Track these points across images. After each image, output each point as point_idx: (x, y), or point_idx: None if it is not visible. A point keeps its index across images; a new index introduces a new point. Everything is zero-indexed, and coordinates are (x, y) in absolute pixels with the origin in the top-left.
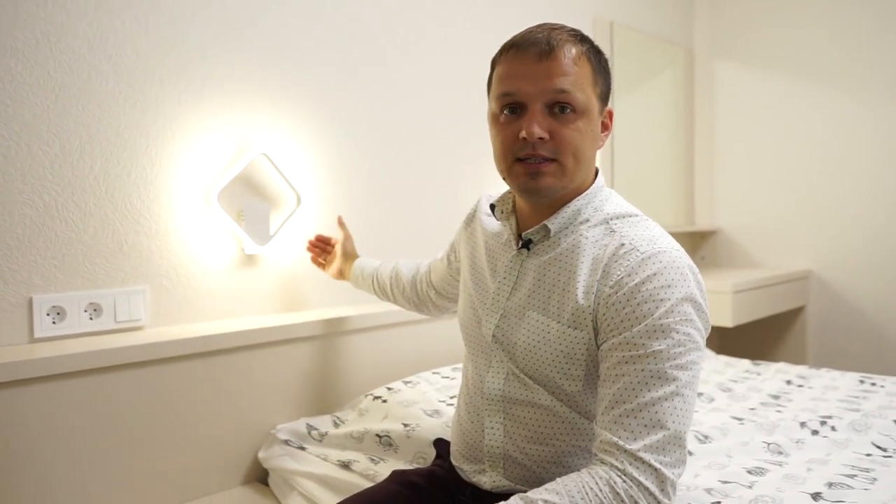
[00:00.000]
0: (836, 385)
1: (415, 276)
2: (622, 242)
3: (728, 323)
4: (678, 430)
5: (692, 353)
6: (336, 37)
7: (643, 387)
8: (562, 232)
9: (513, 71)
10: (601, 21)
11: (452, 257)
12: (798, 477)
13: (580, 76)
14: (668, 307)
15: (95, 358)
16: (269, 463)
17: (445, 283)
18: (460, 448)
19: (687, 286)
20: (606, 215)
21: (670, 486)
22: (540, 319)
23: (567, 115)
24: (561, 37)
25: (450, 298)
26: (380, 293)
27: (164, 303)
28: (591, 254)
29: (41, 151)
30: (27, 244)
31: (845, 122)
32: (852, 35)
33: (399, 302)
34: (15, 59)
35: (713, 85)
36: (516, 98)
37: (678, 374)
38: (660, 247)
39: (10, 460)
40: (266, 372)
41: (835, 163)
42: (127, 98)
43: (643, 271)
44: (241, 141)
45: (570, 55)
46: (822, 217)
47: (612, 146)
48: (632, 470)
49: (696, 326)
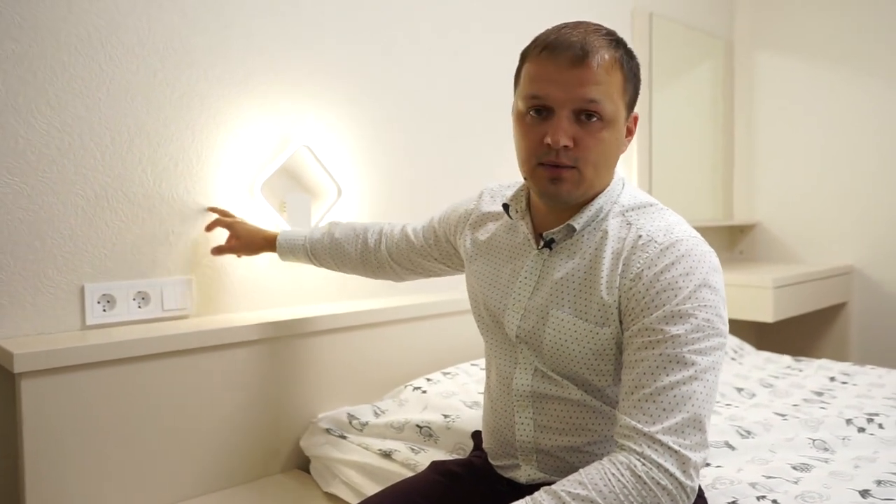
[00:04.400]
0: (881, 382)
1: (364, 251)
2: (640, 234)
3: (769, 318)
4: (698, 413)
5: (712, 338)
6: (378, 26)
7: (661, 371)
8: (584, 230)
9: (544, 74)
10: (640, 12)
11: (443, 242)
12: (845, 474)
13: (611, 85)
14: (687, 293)
15: (144, 345)
16: (310, 451)
17: (422, 259)
18: (492, 446)
19: (704, 273)
20: (623, 207)
21: (693, 469)
22: (567, 319)
23: (594, 124)
24: (596, 42)
25: (421, 273)
26: (316, 262)
27: (210, 292)
28: (611, 248)
29: (93, 143)
30: (79, 233)
31: (886, 113)
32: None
33: (343, 271)
34: (68, 54)
35: (753, 76)
36: (545, 102)
37: (697, 359)
38: (677, 236)
39: (60, 443)
40: (308, 361)
41: (878, 155)
42: (174, 91)
43: (661, 261)
44: (284, 133)
45: (604, 62)
46: (864, 211)
47: (651, 139)
48: (650, 453)
49: (716, 313)
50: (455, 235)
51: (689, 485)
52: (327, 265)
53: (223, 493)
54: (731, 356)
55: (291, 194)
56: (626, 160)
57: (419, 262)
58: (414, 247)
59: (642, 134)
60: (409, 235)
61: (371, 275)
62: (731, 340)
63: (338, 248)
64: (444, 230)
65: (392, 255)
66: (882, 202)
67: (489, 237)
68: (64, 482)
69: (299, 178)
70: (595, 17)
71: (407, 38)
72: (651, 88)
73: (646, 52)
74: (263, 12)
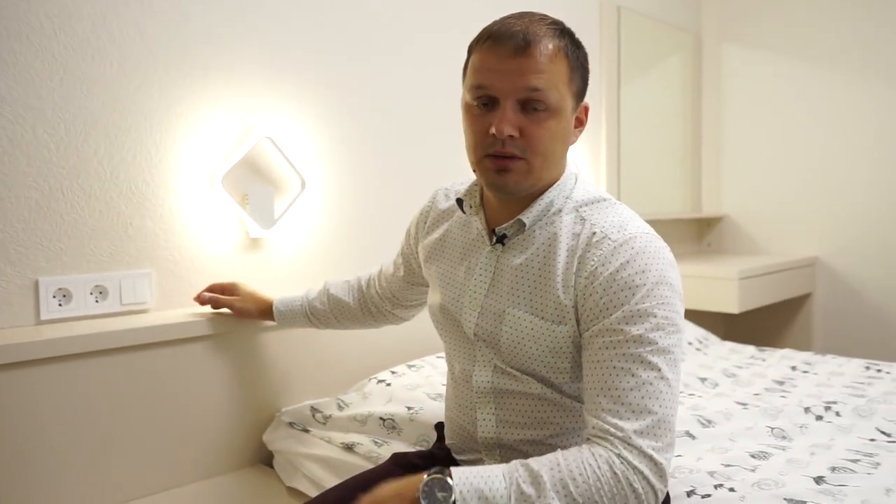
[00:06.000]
0: (841, 371)
1: (361, 299)
2: (594, 231)
3: (734, 309)
4: (665, 413)
5: (672, 335)
6: (341, 19)
7: (626, 372)
8: (535, 224)
9: (487, 64)
10: (608, 5)
11: (413, 263)
12: (801, 461)
13: (555, 74)
14: (645, 292)
15: (101, 340)
16: (273, 445)
17: (406, 291)
18: (455, 440)
19: (660, 269)
20: (576, 203)
21: (665, 473)
22: (523, 317)
23: (539, 114)
24: (539, 31)
25: (414, 305)
26: (318, 324)
27: (170, 286)
28: (565, 244)
29: (46, 134)
30: (33, 227)
31: (853, 107)
32: (861, 19)
33: (347, 327)
34: (19, 42)
35: (721, 70)
36: (488, 92)
37: (659, 358)
38: (630, 232)
39: (15, 441)
40: (272, 355)
41: (842, 149)
42: (131, 81)
43: (616, 259)
44: (246, 124)
45: (547, 52)
46: (829, 204)
47: (619, 132)
48: (627, 454)
49: (674, 309)
50: (417, 245)
51: (661, 489)
52: (329, 324)
53: (184, 488)
54: (696, 347)
55: (254, 187)
56: (594, 153)
57: (405, 294)
58: (393, 278)
59: (611, 127)
60: (385, 269)
61: (373, 323)
62: (697, 331)
63: (337, 303)
64: (409, 248)
65: (381, 294)
66: (846, 194)
67: (442, 235)
68: (18, 480)
69: (261, 171)
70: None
71: (371, 30)
72: (619, 81)
73: (614, 45)
74: (225, 2)
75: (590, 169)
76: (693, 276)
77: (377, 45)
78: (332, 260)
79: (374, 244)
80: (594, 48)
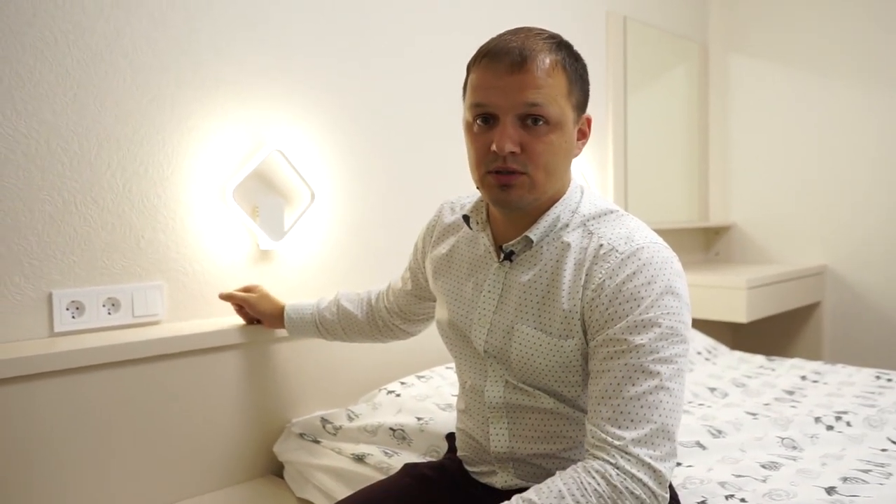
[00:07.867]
0: (851, 381)
1: (369, 312)
2: (601, 244)
3: (742, 318)
4: (665, 423)
5: (676, 346)
6: (348, 30)
7: (627, 381)
8: (543, 241)
9: (485, 82)
10: (615, 15)
11: (420, 277)
12: (812, 471)
13: (554, 88)
14: (650, 302)
15: (114, 352)
16: (284, 456)
17: (414, 305)
18: (467, 452)
19: (667, 279)
20: (583, 217)
21: (665, 480)
22: (531, 333)
23: (539, 128)
24: (535, 45)
25: (421, 320)
26: (326, 335)
27: (181, 298)
28: (573, 259)
29: (60, 149)
30: (47, 240)
31: (860, 117)
32: (868, 30)
33: (354, 340)
34: (34, 57)
35: (727, 80)
36: (488, 109)
37: (662, 368)
38: (637, 244)
39: (28, 452)
40: (282, 366)
41: (849, 157)
42: (143, 95)
43: (623, 271)
44: (256, 137)
45: (544, 66)
46: (837, 212)
47: (626, 142)
48: (624, 463)
49: (680, 319)
50: (424, 259)
51: (663, 495)
52: (337, 336)
53: (195, 500)
54: (704, 356)
55: (264, 199)
56: (601, 163)
57: (413, 308)
58: (401, 292)
59: (618, 136)
60: (394, 284)
61: (380, 337)
62: (706, 340)
63: (346, 314)
64: (416, 263)
65: (389, 308)
66: (855, 202)
67: (450, 250)
68: (30, 492)
69: (272, 183)
70: (569, 22)
71: (380, 42)
72: (626, 91)
73: (620, 55)
74: (233, 17)
75: (597, 179)
76: (701, 286)
77: (383, 53)
78: (342, 271)
79: (384, 254)
80: (601, 58)
